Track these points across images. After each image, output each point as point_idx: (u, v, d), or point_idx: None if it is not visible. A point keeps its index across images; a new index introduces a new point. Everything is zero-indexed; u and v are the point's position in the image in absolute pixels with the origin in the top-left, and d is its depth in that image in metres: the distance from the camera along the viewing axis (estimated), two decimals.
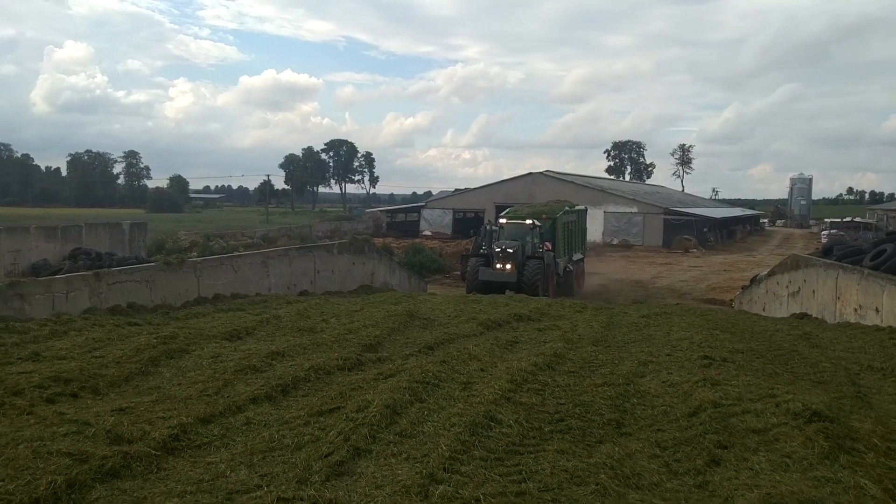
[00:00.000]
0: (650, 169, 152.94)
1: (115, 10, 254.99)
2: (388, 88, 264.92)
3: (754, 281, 26.42)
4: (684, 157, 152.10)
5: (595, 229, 60.11)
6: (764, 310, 22.76)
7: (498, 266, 25.53)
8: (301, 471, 4.31)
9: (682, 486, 4.20)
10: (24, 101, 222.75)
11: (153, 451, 4.68)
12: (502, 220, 28.45)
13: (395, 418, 5.38)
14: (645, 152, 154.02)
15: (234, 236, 46.08)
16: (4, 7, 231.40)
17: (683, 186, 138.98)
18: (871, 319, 14.03)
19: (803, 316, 17.73)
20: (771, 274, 23.90)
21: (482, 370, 7.35)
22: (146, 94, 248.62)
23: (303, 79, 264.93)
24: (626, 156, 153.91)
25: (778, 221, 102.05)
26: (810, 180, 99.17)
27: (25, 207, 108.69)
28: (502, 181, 64.25)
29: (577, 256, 32.56)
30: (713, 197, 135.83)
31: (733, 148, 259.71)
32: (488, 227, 28.94)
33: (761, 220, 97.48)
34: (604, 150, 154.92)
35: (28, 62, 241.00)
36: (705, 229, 60.25)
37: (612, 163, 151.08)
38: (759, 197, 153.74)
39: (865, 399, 6.75)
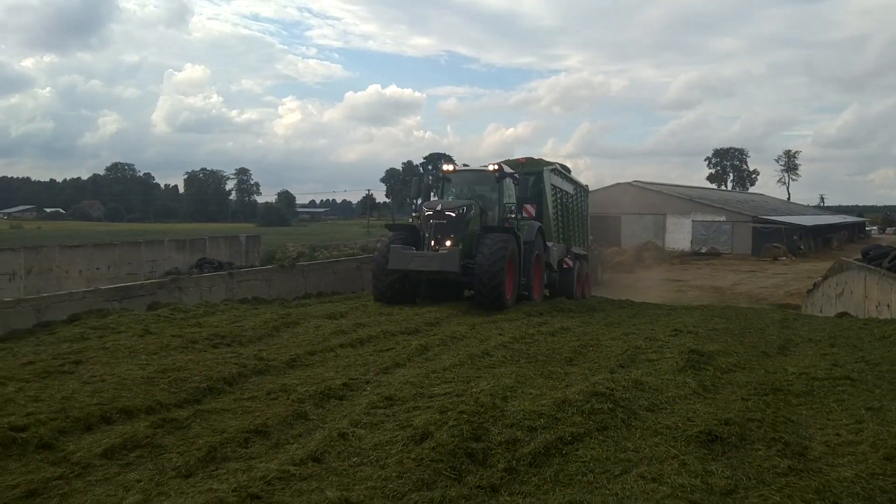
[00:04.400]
0: (754, 176, 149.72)
1: (230, 34, 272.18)
2: (490, 100, 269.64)
3: (815, 286, 28.09)
4: (790, 164, 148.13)
5: (683, 238, 61.48)
6: (821, 311, 24.51)
7: (432, 243, 14.91)
8: (363, 372, 7.60)
9: (585, 381, 7.10)
10: (146, 122, 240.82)
11: (281, 366, 8.05)
12: (448, 167, 17.28)
13: (424, 352, 8.69)
14: (748, 159, 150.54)
15: (336, 247, 50.58)
16: (130, 33, 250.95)
17: (789, 194, 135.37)
18: (885, 315, 16.05)
19: (843, 314, 19.61)
20: (825, 278, 25.68)
21: (500, 334, 10.42)
22: (257, 112, 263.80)
23: (406, 93, 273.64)
24: (728, 163, 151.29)
25: (888, 229, 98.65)
26: None
27: (147, 223, 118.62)
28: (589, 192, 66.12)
29: (578, 250, 22.82)
30: (820, 204, 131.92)
31: (852, 152, 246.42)
32: (423, 178, 18.59)
33: (867, 228, 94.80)
34: (704, 157, 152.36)
35: (149, 85, 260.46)
36: (796, 237, 60.34)
37: (713, 170, 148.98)
38: (881, 203, 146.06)
39: (773, 354, 9.35)
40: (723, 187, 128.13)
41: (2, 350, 9.03)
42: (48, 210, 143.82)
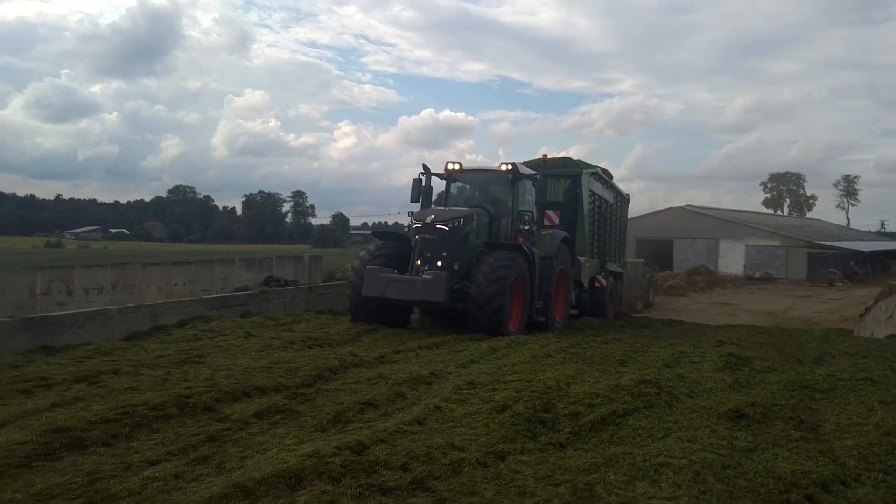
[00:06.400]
0: (811, 201, 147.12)
1: (288, 61, 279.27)
2: (542, 124, 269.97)
3: (867, 310, 28.51)
4: (849, 189, 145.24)
5: (736, 262, 61.54)
6: (871, 334, 24.97)
7: (418, 263, 12.92)
8: (444, 366, 8.96)
9: (631, 378, 8.28)
10: (206, 146, 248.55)
11: (372, 361, 9.44)
12: (452, 166, 14.68)
13: (494, 352, 10.04)
14: (805, 184, 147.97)
15: None
16: (193, 60, 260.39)
17: (849, 219, 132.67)
18: None
19: (892, 337, 20.22)
20: (875, 302, 26.16)
21: (557, 341, 11.66)
22: (313, 136, 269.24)
23: (460, 117, 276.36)
24: (785, 188, 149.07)
25: None
26: None
27: (206, 244, 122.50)
28: (641, 216, 66.61)
29: (612, 267, 20.45)
30: (881, 230, 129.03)
31: None
32: (422, 180, 15.05)
33: None
34: (759, 181, 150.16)
35: (210, 110, 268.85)
36: (852, 262, 59.88)
37: (768, 195, 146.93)
38: None
39: (808, 363, 10.34)
40: (779, 212, 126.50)
41: (134, 346, 10.65)
42: (113, 231, 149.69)
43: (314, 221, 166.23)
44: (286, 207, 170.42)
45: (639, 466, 4.98)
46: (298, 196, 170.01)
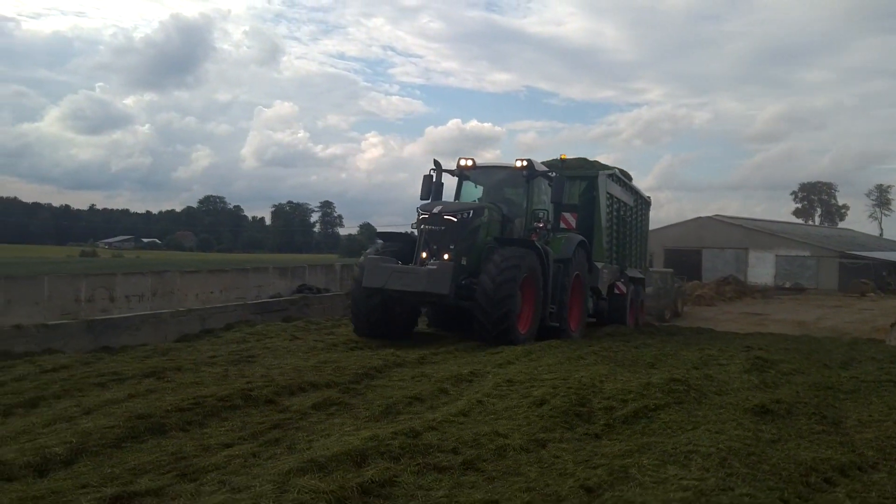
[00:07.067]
0: (843, 211, 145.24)
1: (317, 73, 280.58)
2: (569, 134, 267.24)
3: None
4: (882, 198, 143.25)
5: (766, 272, 61.24)
6: None
7: (423, 255, 12.36)
8: (483, 365, 9.48)
9: (662, 377, 8.71)
10: (236, 157, 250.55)
11: (413, 361, 9.98)
12: (465, 162, 14.20)
13: (529, 354, 10.53)
14: (836, 193, 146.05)
15: None
16: (224, 73, 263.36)
17: (882, 229, 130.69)
18: None
19: None
20: None
21: (589, 345, 12.11)
22: (341, 147, 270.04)
23: (486, 128, 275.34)
24: (816, 198, 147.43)
25: None
26: None
27: (235, 253, 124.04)
28: (668, 226, 66.45)
29: (633, 273, 19.54)
30: None
31: None
32: (433, 176, 14.53)
33: None
34: (790, 191, 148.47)
35: (240, 122, 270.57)
36: (884, 273, 59.30)
37: (799, 205, 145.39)
38: None
39: (834, 367, 10.66)
40: (810, 222, 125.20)
41: (188, 347, 11.32)
42: (145, 240, 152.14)
43: (342, 231, 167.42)
44: (314, 217, 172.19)
45: (670, 453, 5.44)
46: (326, 206, 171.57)
